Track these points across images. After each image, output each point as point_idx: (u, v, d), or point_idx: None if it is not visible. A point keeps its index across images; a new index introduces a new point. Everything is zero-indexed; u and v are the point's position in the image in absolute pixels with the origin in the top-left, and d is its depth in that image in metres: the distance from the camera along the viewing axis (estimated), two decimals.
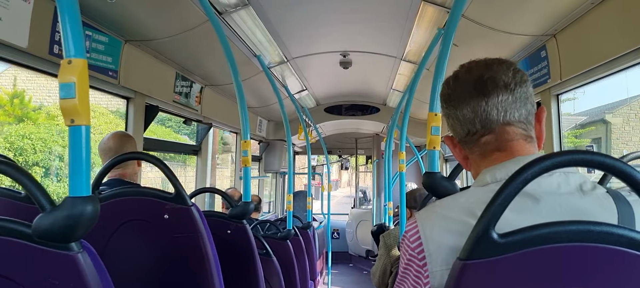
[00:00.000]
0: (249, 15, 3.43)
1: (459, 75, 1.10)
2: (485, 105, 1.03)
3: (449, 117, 1.11)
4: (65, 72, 1.01)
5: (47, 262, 1.02)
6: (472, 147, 1.09)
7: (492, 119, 1.03)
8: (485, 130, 1.05)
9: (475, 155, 1.09)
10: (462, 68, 1.11)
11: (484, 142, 1.05)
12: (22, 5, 2.24)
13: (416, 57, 4.59)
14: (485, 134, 1.05)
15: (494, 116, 1.03)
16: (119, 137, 2.55)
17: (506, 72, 1.04)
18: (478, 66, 1.08)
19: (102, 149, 2.47)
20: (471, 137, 1.07)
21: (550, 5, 2.77)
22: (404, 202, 3.51)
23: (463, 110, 1.06)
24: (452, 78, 1.11)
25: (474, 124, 1.05)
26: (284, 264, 4.07)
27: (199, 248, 1.85)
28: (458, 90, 1.08)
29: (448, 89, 1.11)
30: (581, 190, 0.93)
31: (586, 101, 20.23)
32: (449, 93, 1.10)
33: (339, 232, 10.46)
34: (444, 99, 1.12)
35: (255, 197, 5.61)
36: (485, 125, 1.04)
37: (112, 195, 1.89)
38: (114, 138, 2.51)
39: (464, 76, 1.08)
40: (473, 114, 1.04)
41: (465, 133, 1.08)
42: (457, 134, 1.11)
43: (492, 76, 1.03)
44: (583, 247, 0.80)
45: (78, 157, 1.03)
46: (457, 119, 1.08)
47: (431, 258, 0.93)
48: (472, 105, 1.04)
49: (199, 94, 4.55)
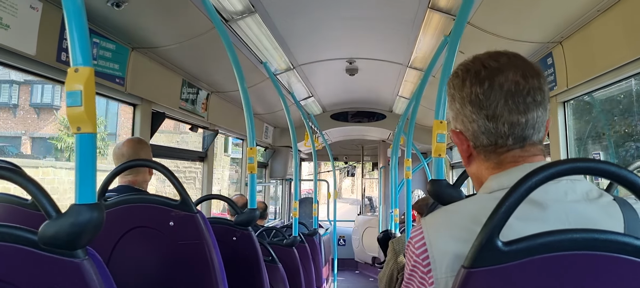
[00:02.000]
0: (255, 23, 3.44)
1: (492, 76, 1.00)
2: (524, 124, 0.99)
3: (474, 122, 1.03)
4: (72, 80, 1.02)
5: (52, 269, 1.03)
6: (489, 155, 1.04)
7: (526, 137, 1.00)
8: (515, 146, 1.01)
9: (490, 163, 1.05)
10: (492, 63, 1.02)
11: (509, 155, 1.02)
12: (31, 13, 2.26)
13: (422, 64, 4.59)
14: (514, 149, 1.01)
15: (529, 134, 1.00)
16: (133, 143, 2.51)
17: (543, 85, 1.00)
18: (513, 68, 1.00)
19: (115, 155, 2.45)
20: (497, 148, 1.02)
21: (556, 12, 2.77)
22: (409, 209, 3.50)
23: (497, 124, 1.00)
24: (484, 78, 1.01)
25: (506, 138, 1.01)
26: (290, 271, 4.06)
27: (204, 255, 1.85)
28: (493, 100, 0.99)
29: (479, 93, 1.01)
30: (588, 198, 0.92)
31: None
32: (481, 99, 1.00)
33: (345, 238, 10.43)
34: (472, 103, 1.02)
35: (261, 204, 5.61)
36: (517, 141, 1.01)
37: (118, 202, 1.89)
38: (128, 144, 2.48)
39: (499, 81, 0.99)
40: (509, 131, 1.00)
41: (492, 143, 1.03)
42: (478, 140, 1.05)
43: (532, 88, 0.98)
44: (588, 256, 0.80)
45: (84, 164, 1.04)
46: (486, 129, 1.02)
47: (436, 265, 0.92)
48: (510, 121, 0.99)
49: (205, 100, 4.57)
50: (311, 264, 5.21)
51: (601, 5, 2.49)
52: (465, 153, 1.09)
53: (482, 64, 1.03)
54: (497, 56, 1.03)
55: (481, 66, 1.02)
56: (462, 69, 1.06)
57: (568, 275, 0.80)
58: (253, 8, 3.22)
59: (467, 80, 1.03)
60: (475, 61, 1.05)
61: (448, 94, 1.10)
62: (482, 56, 1.05)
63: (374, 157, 10.86)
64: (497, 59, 1.02)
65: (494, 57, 1.03)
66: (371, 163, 11.23)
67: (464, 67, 1.06)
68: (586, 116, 3.52)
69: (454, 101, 1.07)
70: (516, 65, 1.00)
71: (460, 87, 1.05)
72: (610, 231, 0.81)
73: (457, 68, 1.08)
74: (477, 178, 1.10)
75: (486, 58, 1.03)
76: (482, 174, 1.07)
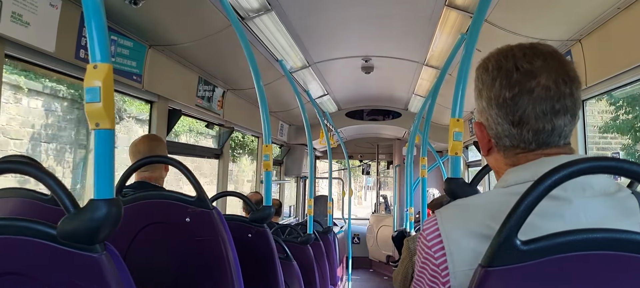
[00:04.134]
0: (271, 21, 3.45)
1: (523, 81, 0.96)
2: (550, 131, 0.97)
3: (498, 125, 1.01)
4: (90, 77, 1.03)
5: (71, 263, 1.04)
6: (509, 153, 1.03)
7: (550, 143, 0.98)
8: (539, 148, 0.99)
9: (509, 160, 1.03)
10: (526, 66, 0.97)
11: (530, 154, 1.00)
12: (50, 10, 2.29)
13: (439, 62, 4.57)
14: (537, 150, 0.99)
15: (554, 140, 0.98)
16: (149, 140, 2.55)
17: (575, 92, 0.97)
18: (547, 72, 0.96)
19: (132, 152, 2.48)
20: (519, 150, 1.01)
21: (576, 10, 2.73)
22: (425, 208, 3.48)
23: (522, 130, 0.98)
24: (515, 83, 0.97)
25: (530, 144, 0.99)
26: (304, 269, 4.06)
27: (220, 251, 1.86)
28: (521, 106, 0.97)
29: (508, 96, 0.98)
30: (605, 193, 0.90)
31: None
32: (509, 104, 0.98)
33: (360, 237, 10.41)
34: (498, 105, 1.00)
35: (275, 201, 5.62)
36: (541, 145, 0.99)
37: (135, 198, 1.91)
38: (144, 141, 2.51)
39: (530, 87, 0.96)
40: (533, 138, 0.98)
41: (513, 146, 1.01)
42: (500, 140, 1.03)
43: (562, 95, 0.95)
44: (607, 255, 0.79)
45: (103, 160, 1.05)
46: (510, 133, 1.00)
47: (452, 258, 0.91)
48: (536, 128, 0.97)
49: (221, 98, 4.59)
50: (325, 262, 5.21)
51: (621, 3, 2.45)
52: (485, 146, 1.08)
53: (515, 64, 0.98)
54: (532, 57, 0.98)
55: (514, 67, 0.98)
56: (494, 65, 1.02)
57: (586, 274, 0.79)
58: (269, 6, 3.23)
59: (497, 80, 1.00)
60: (508, 57, 1.01)
61: (475, 87, 1.07)
62: (517, 53, 1.00)
63: (389, 156, 10.81)
64: (532, 61, 0.98)
65: (528, 57, 0.99)
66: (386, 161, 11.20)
67: (496, 64, 1.02)
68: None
69: (482, 98, 1.04)
70: (550, 69, 0.96)
71: (490, 86, 1.01)
72: (630, 231, 0.80)
73: (488, 61, 1.05)
74: (495, 169, 1.09)
75: (521, 57, 0.99)
76: (500, 167, 1.06)
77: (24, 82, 3.55)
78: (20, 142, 3.64)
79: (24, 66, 2.55)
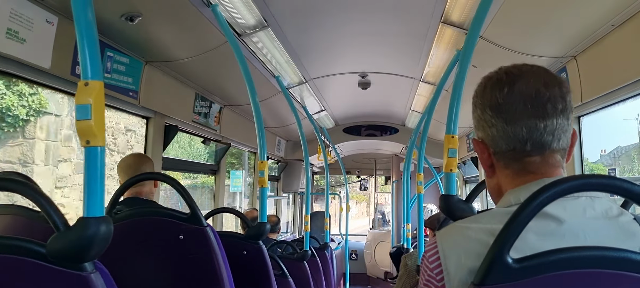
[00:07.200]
0: (267, 37, 3.46)
1: (512, 82, 1.01)
2: (542, 129, 0.98)
3: (493, 127, 1.03)
4: (81, 94, 1.02)
5: (61, 282, 1.03)
6: (509, 163, 1.03)
7: (544, 143, 0.99)
8: (534, 152, 1.00)
9: (509, 171, 1.04)
10: (514, 71, 1.03)
11: (528, 162, 1.01)
12: (46, 27, 2.29)
13: (435, 78, 4.58)
14: (533, 155, 1.00)
15: (548, 141, 0.99)
16: (137, 156, 2.63)
17: (565, 95, 1.00)
18: (534, 76, 1.01)
19: (121, 168, 2.51)
20: (516, 154, 1.02)
21: (571, 27, 2.75)
22: (422, 224, 3.47)
23: (515, 127, 1.00)
24: (504, 84, 1.02)
25: (525, 143, 1.00)
26: (301, 285, 4.03)
27: (213, 268, 1.85)
28: (512, 103, 1.00)
29: (499, 97, 1.02)
30: (607, 216, 0.91)
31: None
32: (501, 103, 1.01)
33: (357, 253, 10.36)
34: (491, 107, 1.03)
35: (273, 218, 5.59)
36: (536, 147, 1.00)
37: (128, 216, 1.90)
38: (133, 157, 2.59)
39: (519, 87, 1.00)
40: (527, 135, 0.99)
41: (510, 149, 1.02)
42: (497, 146, 1.04)
43: (552, 96, 0.98)
44: (600, 274, 0.78)
45: (93, 178, 1.04)
46: (505, 133, 1.01)
47: (449, 277, 0.92)
48: (529, 125, 0.98)
49: (218, 113, 4.59)
50: (322, 278, 5.18)
51: (616, 20, 2.46)
52: (486, 163, 1.09)
53: (504, 72, 1.04)
54: (520, 66, 1.04)
55: (503, 74, 1.04)
56: (485, 77, 1.08)
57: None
58: (266, 23, 3.24)
59: (488, 86, 1.05)
60: (498, 70, 1.06)
61: (472, 104, 1.10)
62: (506, 66, 1.06)
63: (387, 171, 10.79)
64: (520, 68, 1.03)
65: (516, 66, 1.04)
66: (384, 177, 11.16)
67: (487, 76, 1.08)
68: None
69: (476, 108, 1.08)
70: (538, 74, 1.01)
71: (482, 93, 1.06)
72: (623, 249, 0.79)
73: (481, 80, 1.10)
74: (497, 191, 1.09)
75: (509, 67, 1.05)
76: (502, 186, 1.06)
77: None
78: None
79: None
